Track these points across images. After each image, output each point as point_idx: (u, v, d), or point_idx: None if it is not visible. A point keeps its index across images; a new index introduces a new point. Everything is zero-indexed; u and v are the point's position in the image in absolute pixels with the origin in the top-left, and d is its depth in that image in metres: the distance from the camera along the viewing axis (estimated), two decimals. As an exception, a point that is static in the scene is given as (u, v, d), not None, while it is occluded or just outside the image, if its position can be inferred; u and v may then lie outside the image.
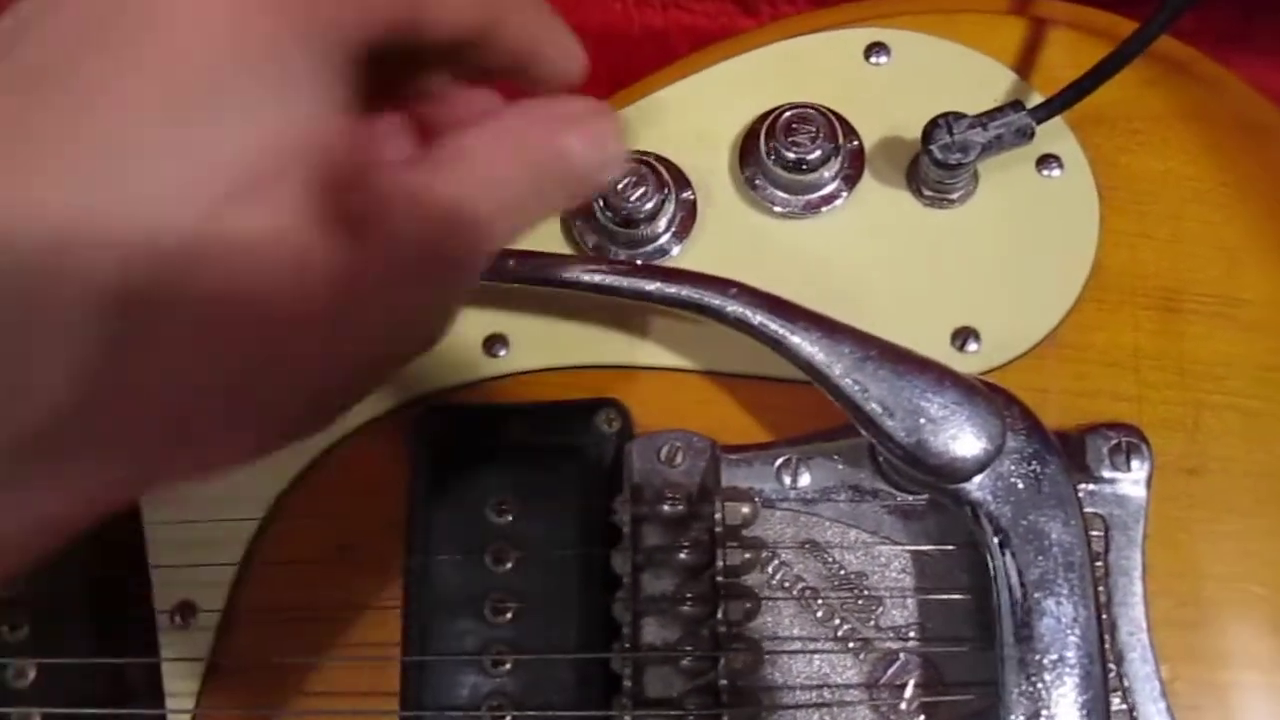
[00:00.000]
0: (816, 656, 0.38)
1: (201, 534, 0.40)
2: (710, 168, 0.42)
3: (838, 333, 0.36)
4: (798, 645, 0.38)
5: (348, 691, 0.39)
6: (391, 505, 0.40)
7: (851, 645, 0.38)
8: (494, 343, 0.41)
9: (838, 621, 0.38)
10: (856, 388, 0.35)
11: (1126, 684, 0.37)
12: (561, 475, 0.39)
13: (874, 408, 0.35)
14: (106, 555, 0.40)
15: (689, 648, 0.37)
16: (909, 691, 0.37)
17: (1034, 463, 0.35)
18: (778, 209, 0.41)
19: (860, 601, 0.38)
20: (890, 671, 0.38)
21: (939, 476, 0.35)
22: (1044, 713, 0.34)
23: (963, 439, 0.35)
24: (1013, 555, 0.35)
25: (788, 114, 0.40)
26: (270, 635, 0.40)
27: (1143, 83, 0.42)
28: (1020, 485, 0.35)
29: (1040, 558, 0.35)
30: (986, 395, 0.35)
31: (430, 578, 0.38)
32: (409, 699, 0.38)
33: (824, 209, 0.41)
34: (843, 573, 0.38)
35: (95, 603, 0.39)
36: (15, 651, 0.39)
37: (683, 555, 0.37)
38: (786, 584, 0.38)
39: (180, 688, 0.40)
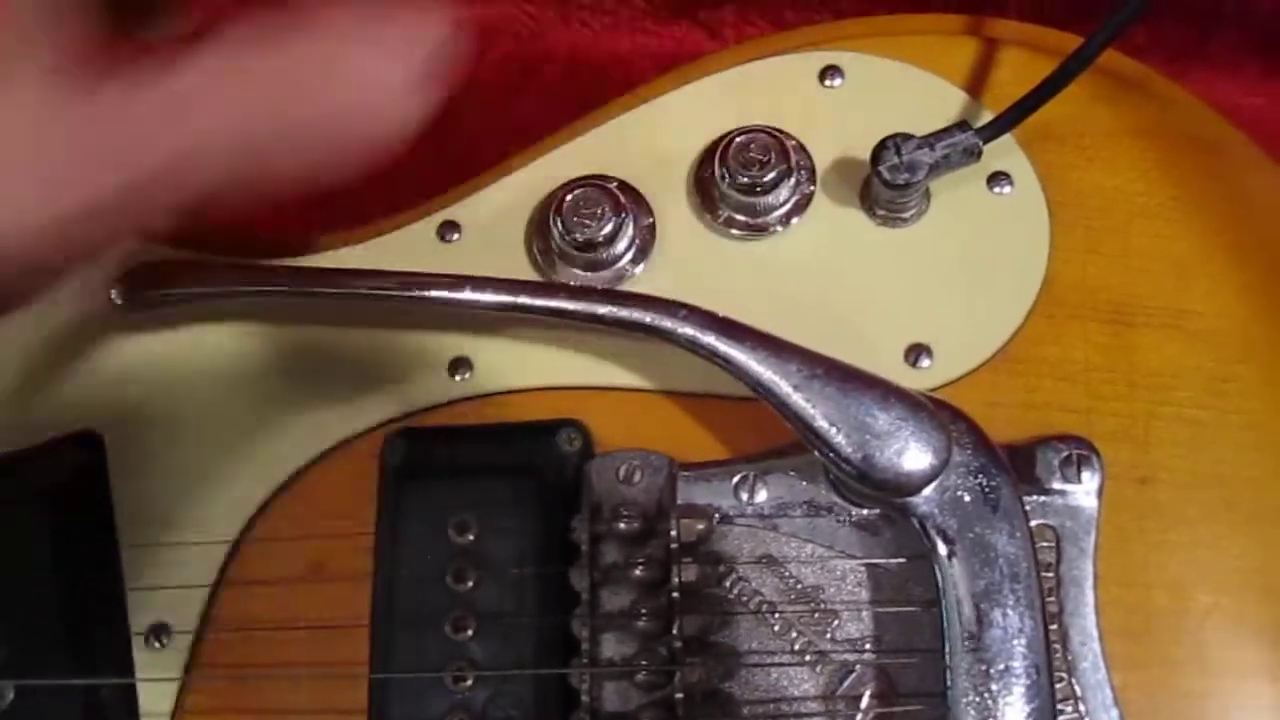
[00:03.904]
0: (773, 669, 0.38)
1: (176, 555, 0.41)
2: (669, 191, 0.43)
3: (785, 351, 0.37)
4: (755, 659, 0.38)
5: (318, 709, 0.40)
6: (361, 525, 0.41)
7: (808, 658, 0.38)
8: (458, 366, 0.42)
9: (794, 634, 0.39)
10: (804, 405, 0.36)
11: (1079, 693, 0.37)
12: (523, 495, 0.40)
13: (821, 424, 0.36)
14: (82, 577, 0.41)
15: (645, 662, 0.37)
16: (865, 703, 0.38)
17: (980, 476, 0.36)
18: (734, 231, 0.42)
19: (816, 615, 0.39)
20: (846, 683, 0.38)
21: (886, 491, 0.36)
22: (992, 721, 0.34)
23: (909, 454, 0.36)
24: (960, 567, 0.35)
25: (739, 138, 0.41)
26: (243, 654, 0.41)
27: (1092, 99, 0.43)
28: (967, 498, 0.36)
29: (987, 569, 0.35)
30: (932, 410, 0.36)
31: (394, 596, 0.39)
32: (375, 715, 0.39)
33: (779, 229, 0.42)
34: (799, 586, 0.39)
35: (71, 625, 0.40)
36: (-7, 674, 0.40)
37: (639, 571, 0.38)
38: (744, 598, 0.39)
39: (156, 707, 0.41)
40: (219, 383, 0.43)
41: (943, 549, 0.36)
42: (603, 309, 0.38)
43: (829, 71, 0.44)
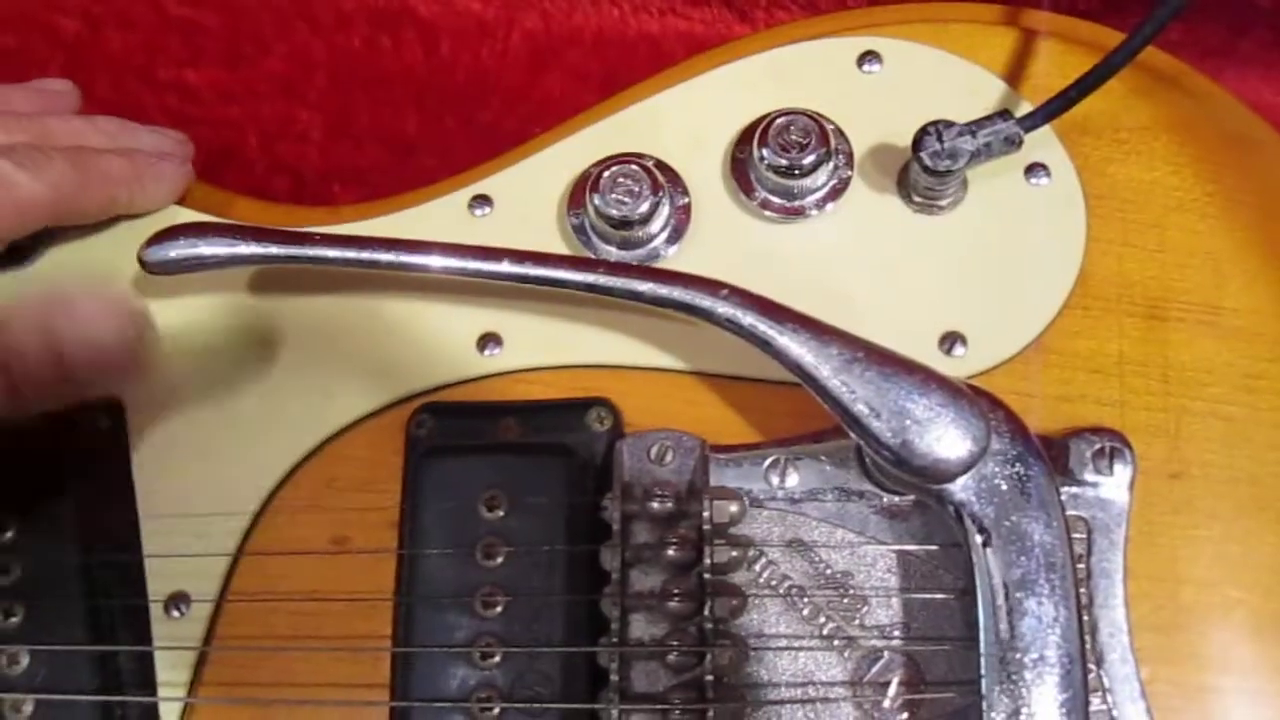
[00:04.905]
0: (802, 654, 0.38)
1: (195, 525, 0.41)
2: (704, 172, 0.43)
3: (826, 335, 0.36)
4: (783, 642, 0.38)
5: (339, 682, 0.40)
6: (385, 499, 0.41)
7: (836, 643, 0.38)
8: (487, 341, 0.42)
9: (823, 620, 0.39)
10: (844, 389, 0.36)
11: (1107, 684, 0.37)
12: (552, 472, 0.39)
13: (861, 409, 0.36)
14: (101, 544, 0.40)
15: (675, 643, 0.37)
16: (892, 689, 0.38)
17: (1017, 465, 0.36)
18: (770, 213, 0.42)
19: (845, 600, 0.39)
20: (874, 670, 0.38)
21: (924, 477, 0.36)
22: (1024, 711, 0.34)
23: (947, 440, 0.35)
24: (995, 555, 0.35)
25: (780, 120, 0.41)
26: (262, 625, 0.40)
27: (1130, 93, 0.43)
28: (1004, 487, 0.36)
29: (1022, 558, 0.35)
30: (972, 398, 0.36)
31: (421, 571, 0.39)
32: (399, 690, 0.38)
33: (815, 213, 0.42)
34: (828, 572, 0.39)
35: (89, 591, 0.40)
36: (8, 638, 0.39)
37: (670, 552, 0.38)
38: (773, 582, 0.39)
39: (172, 677, 0.40)
40: (243, 351, 0.43)
41: (978, 537, 0.36)
42: (643, 286, 0.38)
43: (867, 57, 0.44)
